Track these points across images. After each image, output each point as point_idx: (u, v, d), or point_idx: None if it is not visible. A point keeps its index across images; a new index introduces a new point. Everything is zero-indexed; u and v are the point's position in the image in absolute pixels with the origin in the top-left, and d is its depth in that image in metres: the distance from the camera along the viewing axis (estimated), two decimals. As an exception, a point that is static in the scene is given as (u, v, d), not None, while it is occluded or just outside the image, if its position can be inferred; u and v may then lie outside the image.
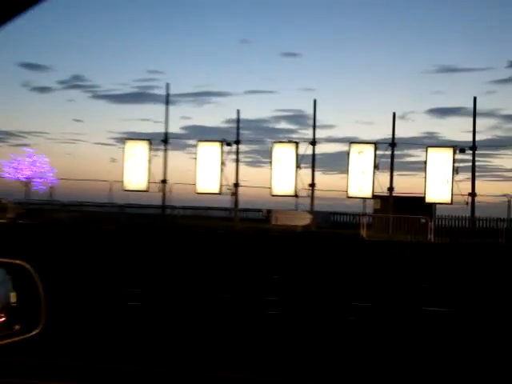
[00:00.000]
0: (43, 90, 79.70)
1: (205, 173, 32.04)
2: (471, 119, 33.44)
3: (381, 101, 65.19)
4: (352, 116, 76.32)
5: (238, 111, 36.12)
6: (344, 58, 68.31)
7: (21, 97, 71.85)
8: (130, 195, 32.34)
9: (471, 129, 33.01)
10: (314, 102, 34.55)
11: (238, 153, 34.43)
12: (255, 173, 63.07)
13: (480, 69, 70.29)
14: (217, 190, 32.40)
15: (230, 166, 33.65)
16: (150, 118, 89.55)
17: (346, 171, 32.10)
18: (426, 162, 31.53)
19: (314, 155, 33.90)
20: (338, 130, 76.87)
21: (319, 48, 68.71)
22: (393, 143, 32.64)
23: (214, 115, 73.63)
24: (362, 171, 31.71)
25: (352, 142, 33.10)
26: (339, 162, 65.30)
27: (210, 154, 32.53)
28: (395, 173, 33.34)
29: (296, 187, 32.70)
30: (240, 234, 26.44)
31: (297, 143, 33.35)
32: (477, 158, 33.18)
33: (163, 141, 33.58)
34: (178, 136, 58.36)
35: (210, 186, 32.19)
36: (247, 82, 73.59)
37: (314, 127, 34.57)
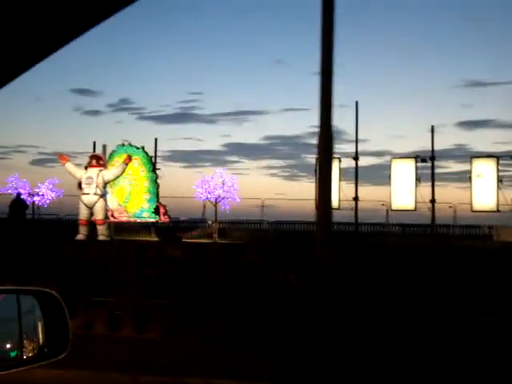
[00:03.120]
0: (93, 113, 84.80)
1: (400, 189, 30.15)
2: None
3: (411, 115, 65.42)
4: (383, 131, 76.63)
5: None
6: (373, 76, 69.08)
7: (73, 120, 75.46)
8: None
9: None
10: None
11: (433, 168, 30.92)
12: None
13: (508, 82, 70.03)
14: (412, 207, 30.20)
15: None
16: (192, 136, 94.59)
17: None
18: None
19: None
20: (370, 144, 77.33)
21: (349, 67, 70.01)
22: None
23: (253, 132, 75.43)
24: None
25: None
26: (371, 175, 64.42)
27: (404, 170, 30.52)
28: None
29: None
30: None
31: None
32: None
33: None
34: (216, 153, 59.35)
35: (405, 203, 30.18)
36: (283, 100, 75.29)
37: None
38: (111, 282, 9.12)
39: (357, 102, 30.52)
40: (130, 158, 22.81)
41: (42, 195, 30.55)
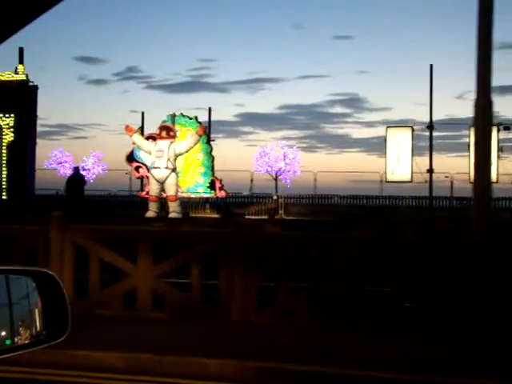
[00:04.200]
0: (99, 82, 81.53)
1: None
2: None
3: (438, 81, 63.08)
4: (408, 97, 74.20)
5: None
6: (397, 38, 66.51)
7: (78, 90, 72.69)
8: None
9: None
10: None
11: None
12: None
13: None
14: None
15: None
16: (203, 106, 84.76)
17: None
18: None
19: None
20: (394, 113, 75.25)
21: (372, 30, 67.14)
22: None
23: (268, 101, 72.86)
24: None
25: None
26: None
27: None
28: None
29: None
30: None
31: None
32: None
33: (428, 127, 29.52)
34: (229, 124, 56.71)
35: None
36: (300, 67, 72.63)
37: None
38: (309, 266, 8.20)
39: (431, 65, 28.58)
40: (204, 129, 21.56)
41: (88, 170, 29.14)
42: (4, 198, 26.75)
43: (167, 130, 21.42)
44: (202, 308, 7.65)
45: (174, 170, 20.95)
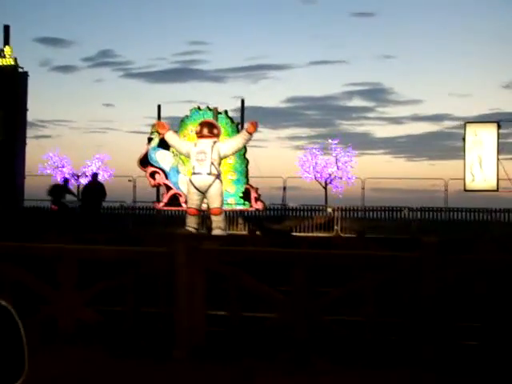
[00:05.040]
0: (65, 69, 70.59)
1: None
2: None
3: (479, 68, 55.56)
4: (443, 88, 61.38)
5: None
6: (430, 17, 57.59)
7: (39, 78, 62.35)
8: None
9: None
10: None
11: None
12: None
13: None
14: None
15: None
16: (194, 99, 73.00)
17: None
18: None
19: None
20: (425, 106, 67.05)
21: (399, 5, 57.71)
22: None
23: (272, 93, 63.28)
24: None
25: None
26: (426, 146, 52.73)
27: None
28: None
29: None
30: None
31: None
32: None
33: None
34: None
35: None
36: (311, 50, 63.87)
37: None
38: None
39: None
40: (255, 125, 16.73)
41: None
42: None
43: (209, 127, 16.79)
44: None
45: (218, 176, 16.44)
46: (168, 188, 22.53)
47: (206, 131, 16.77)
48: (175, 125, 25.53)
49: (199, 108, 22.12)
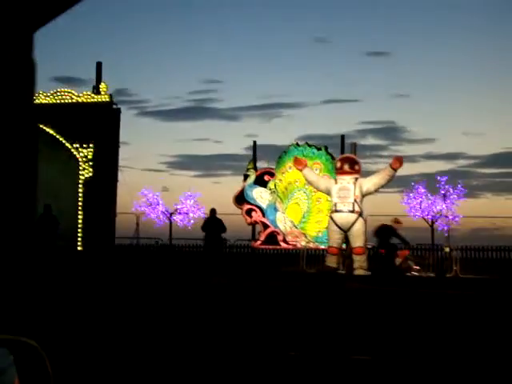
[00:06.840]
0: None
1: None
2: None
3: (493, 106, 55.55)
4: (457, 127, 65.34)
5: None
6: (443, 56, 58.57)
7: None
8: None
9: None
10: None
11: None
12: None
13: None
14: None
15: None
16: (208, 137, 72.54)
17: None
18: None
19: None
20: (438, 145, 67.13)
21: (412, 44, 58.77)
22: None
23: (286, 131, 63.93)
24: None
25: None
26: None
27: None
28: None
29: None
30: None
31: None
32: None
33: None
34: (239, 158, 50.11)
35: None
36: (325, 89, 64.59)
37: None
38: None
39: None
40: (401, 161, 15.94)
41: (186, 213, 23.14)
42: (79, 248, 21.83)
43: (351, 163, 17.26)
44: None
45: (361, 214, 16.06)
46: (265, 226, 21.74)
47: (347, 167, 16.18)
48: (185, 163, 24.39)
49: (298, 144, 21.55)
